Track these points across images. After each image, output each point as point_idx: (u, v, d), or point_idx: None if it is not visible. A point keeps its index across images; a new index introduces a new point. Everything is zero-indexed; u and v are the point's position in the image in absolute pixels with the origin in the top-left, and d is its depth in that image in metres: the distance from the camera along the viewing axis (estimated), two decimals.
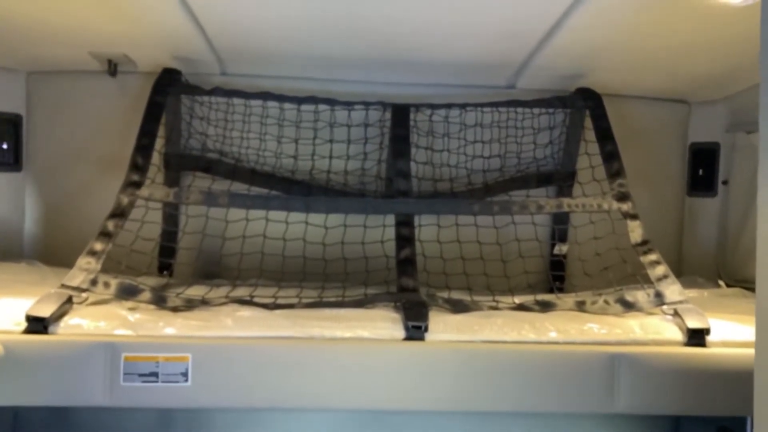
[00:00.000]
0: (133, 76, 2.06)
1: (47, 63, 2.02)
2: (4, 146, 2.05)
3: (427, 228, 1.73)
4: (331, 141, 1.97)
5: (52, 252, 2.11)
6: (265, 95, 1.93)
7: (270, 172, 2.00)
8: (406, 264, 1.58)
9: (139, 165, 1.72)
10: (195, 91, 1.94)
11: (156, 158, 1.82)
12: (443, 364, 1.25)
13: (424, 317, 1.31)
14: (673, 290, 1.47)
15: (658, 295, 1.46)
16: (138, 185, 1.67)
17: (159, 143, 1.85)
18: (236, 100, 1.95)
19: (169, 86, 1.90)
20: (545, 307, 1.48)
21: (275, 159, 1.98)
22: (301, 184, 1.98)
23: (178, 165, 2.02)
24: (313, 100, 1.94)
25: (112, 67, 2.02)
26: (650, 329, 1.36)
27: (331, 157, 1.94)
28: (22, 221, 2.12)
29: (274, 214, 1.69)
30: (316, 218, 1.71)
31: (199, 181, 1.90)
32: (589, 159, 1.92)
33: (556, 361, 1.27)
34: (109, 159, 2.07)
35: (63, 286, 1.36)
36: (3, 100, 2.06)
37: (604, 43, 1.67)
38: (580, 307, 1.48)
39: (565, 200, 1.75)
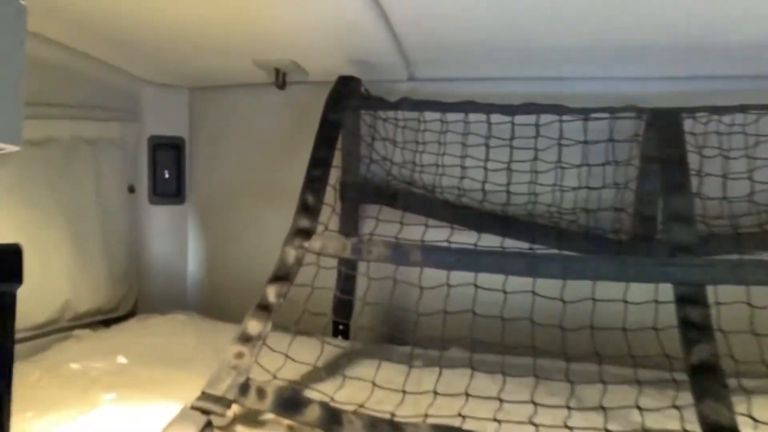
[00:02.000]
0: (304, 87, 1.69)
1: (208, 76, 1.72)
2: (166, 175, 1.79)
3: (730, 308, 1.10)
4: (559, 164, 1.41)
5: (216, 298, 1.82)
6: (468, 105, 1.43)
7: (475, 207, 1.50)
8: (703, 374, 0.98)
9: (309, 206, 1.31)
10: (377, 104, 1.50)
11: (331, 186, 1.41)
12: None
13: None
14: None
15: None
16: (308, 233, 1.27)
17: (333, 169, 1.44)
18: (429, 114, 1.48)
19: (346, 99, 1.48)
20: None
21: (481, 191, 1.48)
22: (517, 224, 1.46)
23: (357, 197, 1.60)
24: (532, 108, 1.40)
25: (280, 78, 1.65)
26: None
27: (561, 190, 1.39)
28: (185, 262, 1.85)
29: (487, 278, 1.18)
30: (547, 284, 1.17)
31: (385, 214, 1.44)
32: None
33: None
34: (277, 187, 1.73)
35: (203, 395, 0.97)
36: (165, 122, 1.79)
37: None
38: None
39: None
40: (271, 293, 1.15)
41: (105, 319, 1.59)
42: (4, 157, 1.25)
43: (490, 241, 1.36)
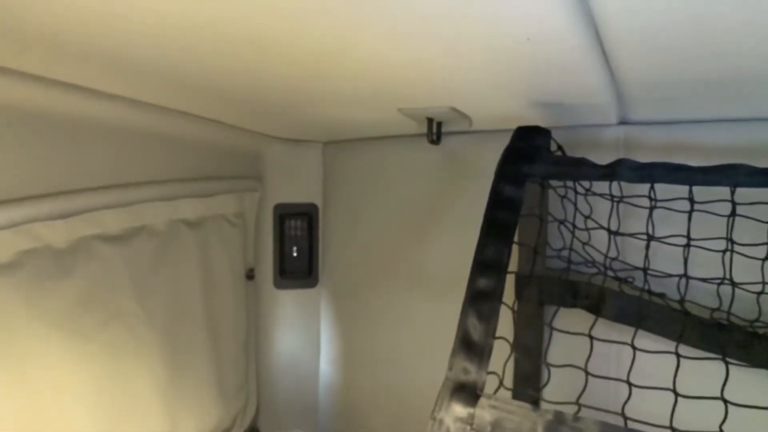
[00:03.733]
0: (465, 138, 1.24)
1: (346, 129, 1.33)
2: (294, 252, 1.43)
3: None
4: None
5: (354, 405, 1.43)
6: (736, 173, 0.87)
7: (744, 327, 0.93)
8: None
9: (473, 342, 0.84)
10: (579, 170, 0.98)
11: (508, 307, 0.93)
12: None
13: None
14: None
15: None
16: (472, 392, 0.80)
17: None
18: (665, 187, 0.94)
19: (529, 161, 0.99)
20: None
21: (755, 304, 0.91)
22: None
23: (541, 296, 1.11)
24: None
25: (434, 129, 1.21)
26: None
27: None
28: (316, 359, 1.48)
29: None
30: None
31: (599, 329, 0.93)
32: None
33: None
34: (435, 266, 1.31)
35: None
36: (295, 186, 1.44)
37: None
38: None
39: None
40: None
41: None
42: (71, 263, 0.95)
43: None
